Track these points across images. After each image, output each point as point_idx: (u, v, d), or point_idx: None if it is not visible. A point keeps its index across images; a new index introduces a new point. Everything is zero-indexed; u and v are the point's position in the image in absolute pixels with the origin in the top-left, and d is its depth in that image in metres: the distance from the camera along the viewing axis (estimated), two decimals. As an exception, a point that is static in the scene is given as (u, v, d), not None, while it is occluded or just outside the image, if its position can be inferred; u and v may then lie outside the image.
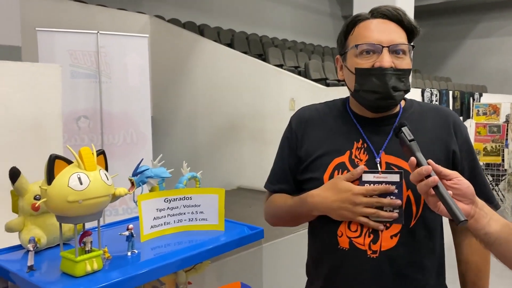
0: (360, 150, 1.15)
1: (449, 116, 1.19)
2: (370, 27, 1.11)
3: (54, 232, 1.09)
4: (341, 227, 1.12)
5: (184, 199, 1.26)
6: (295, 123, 1.26)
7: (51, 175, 0.90)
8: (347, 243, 1.11)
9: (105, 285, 0.90)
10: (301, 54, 9.99)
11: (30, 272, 0.95)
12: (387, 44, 1.08)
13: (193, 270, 1.35)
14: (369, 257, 1.09)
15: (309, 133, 1.22)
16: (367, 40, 1.09)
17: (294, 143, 1.24)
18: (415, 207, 1.10)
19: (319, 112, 1.25)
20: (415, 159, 0.97)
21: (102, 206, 0.94)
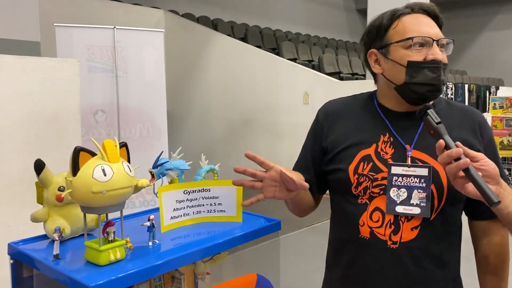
0: (386, 143, 1.17)
1: (475, 116, 1.20)
2: (417, 21, 1.13)
3: (78, 223, 1.12)
4: (363, 217, 1.15)
5: (203, 191, 1.28)
6: (322, 115, 1.29)
7: (76, 167, 0.92)
8: (368, 232, 1.13)
9: (128, 274, 0.93)
10: (315, 48, 9.94)
11: (56, 260, 0.98)
12: (436, 38, 1.10)
13: (211, 261, 1.38)
14: (389, 247, 1.11)
15: (335, 125, 1.24)
16: (419, 33, 1.10)
17: (319, 134, 1.26)
18: (436, 201, 1.12)
19: (345, 105, 1.27)
20: (443, 142, 0.97)
21: (125, 197, 0.97)
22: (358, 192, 1.16)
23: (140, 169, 1.29)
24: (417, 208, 1.10)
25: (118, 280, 0.90)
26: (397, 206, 1.12)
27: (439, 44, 1.11)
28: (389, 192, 1.13)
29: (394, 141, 1.16)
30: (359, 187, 1.16)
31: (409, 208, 1.10)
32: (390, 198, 1.12)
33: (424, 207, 1.10)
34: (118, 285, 0.90)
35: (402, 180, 1.12)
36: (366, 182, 1.16)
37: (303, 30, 12.37)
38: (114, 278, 0.90)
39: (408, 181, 1.12)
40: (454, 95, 8.13)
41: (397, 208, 1.11)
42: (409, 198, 1.11)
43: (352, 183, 1.17)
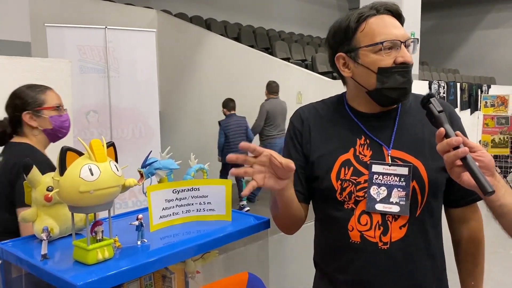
0: (363, 146, 1.18)
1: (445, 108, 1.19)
2: (384, 23, 1.12)
3: (66, 222, 1.12)
4: (351, 222, 1.15)
5: (192, 190, 1.28)
6: (297, 122, 1.28)
7: (63, 167, 0.93)
8: (358, 236, 1.14)
9: (116, 273, 0.93)
10: (308, 47, 9.96)
11: (44, 260, 0.98)
12: (403, 39, 1.11)
13: (201, 260, 1.39)
14: (380, 249, 1.13)
15: (311, 132, 1.24)
16: (388, 37, 1.10)
17: (299, 141, 1.25)
18: (420, 197, 1.14)
19: (317, 110, 1.27)
20: (443, 130, 0.99)
21: (113, 196, 0.97)
22: (343, 198, 1.17)
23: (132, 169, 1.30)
24: (397, 206, 1.12)
25: (106, 279, 0.91)
26: (376, 204, 1.13)
27: (407, 45, 1.12)
28: (370, 190, 1.14)
29: (371, 143, 1.17)
30: (343, 193, 1.16)
31: (389, 206, 1.12)
32: (370, 196, 1.14)
33: (404, 205, 1.11)
34: (106, 283, 0.91)
35: (382, 178, 1.14)
36: (350, 187, 1.16)
37: (296, 30, 12.39)
38: (102, 276, 0.90)
39: (388, 179, 1.13)
40: (446, 93, 8.18)
41: (377, 206, 1.13)
42: (389, 197, 1.12)
43: (336, 189, 1.17)
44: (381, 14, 1.14)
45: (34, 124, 1.72)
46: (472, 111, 8.84)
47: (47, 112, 1.73)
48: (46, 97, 1.76)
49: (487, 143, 6.18)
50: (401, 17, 1.15)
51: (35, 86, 1.80)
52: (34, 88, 1.79)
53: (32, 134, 1.73)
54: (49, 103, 1.75)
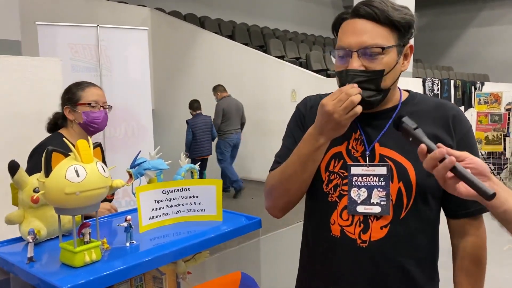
0: (357, 141, 1.17)
1: (450, 111, 1.17)
2: (346, 29, 1.11)
3: (54, 224, 1.11)
4: (333, 215, 1.15)
5: (182, 190, 1.27)
6: (302, 107, 1.29)
7: (48, 168, 0.91)
8: (338, 231, 1.14)
9: (104, 275, 0.92)
10: (302, 45, 9.95)
11: (30, 263, 0.97)
12: (356, 48, 1.07)
13: (192, 260, 1.37)
14: (358, 246, 1.11)
15: (312, 119, 1.20)
16: (339, 45, 1.11)
17: (302, 122, 1.26)
18: (405, 199, 1.11)
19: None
20: (425, 146, 0.94)
21: (100, 197, 0.96)
22: (329, 189, 1.16)
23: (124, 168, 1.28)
24: (378, 207, 1.10)
25: (93, 282, 0.89)
26: (358, 206, 1.12)
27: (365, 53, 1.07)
28: (350, 192, 1.13)
29: (365, 139, 1.16)
30: (329, 185, 1.16)
31: (370, 207, 1.11)
32: (351, 198, 1.12)
33: (385, 205, 1.10)
34: (93, 286, 0.90)
35: (362, 179, 1.13)
36: (336, 180, 1.15)
37: (291, 27, 12.38)
38: (89, 279, 0.89)
39: (367, 180, 1.12)
40: (440, 91, 8.20)
41: (358, 208, 1.11)
42: (370, 197, 1.11)
43: (323, 180, 1.17)
44: (353, 18, 1.10)
45: (70, 117, 1.91)
46: (465, 109, 8.87)
47: (81, 107, 1.89)
48: (84, 94, 1.91)
49: (481, 140, 6.21)
50: (379, 20, 1.08)
51: (79, 83, 1.97)
52: (77, 84, 1.97)
53: (70, 126, 1.93)
54: (84, 99, 1.90)
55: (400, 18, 1.08)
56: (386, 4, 1.08)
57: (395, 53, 1.10)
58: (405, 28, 1.10)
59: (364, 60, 1.07)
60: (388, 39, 1.08)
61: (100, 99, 1.95)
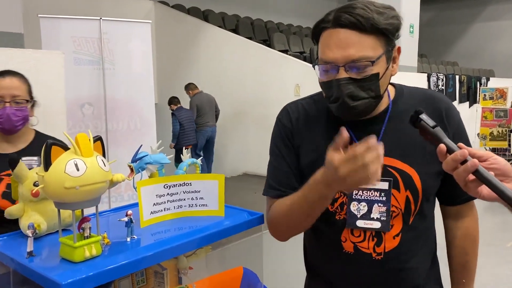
0: None
1: (440, 103, 1.13)
2: (329, 41, 1.02)
3: (54, 218, 1.09)
4: (344, 233, 1.12)
5: (184, 185, 1.26)
6: (286, 120, 1.19)
7: (48, 162, 0.90)
8: (352, 247, 1.11)
9: (104, 270, 0.91)
10: (306, 39, 9.90)
11: (29, 257, 0.96)
12: (343, 62, 0.99)
13: (193, 256, 1.36)
14: (374, 259, 1.10)
15: (301, 133, 1.16)
16: (324, 59, 1.01)
17: (291, 141, 1.17)
18: (413, 205, 1.10)
19: (306, 110, 1.18)
20: (445, 146, 0.87)
21: (100, 192, 0.94)
22: (335, 208, 1.12)
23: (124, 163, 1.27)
24: (378, 223, 1.08)
25: (92, 277, 0.88)
26: (357, 220, 1.09)
27: (353, 66, 0.99)
28: (350, 206, 1.09)
29: None
30: (335, 204, 1.11)
31: (370, 222, 1.08)
32: (351, 212, 1.09)
33: (385, 221, 1.08)
34: (92, 282, 0.89)
35: (362, 193, 1.09)
36: (341, 198, 1.11)
37: (295, 22, 12.31)
38: (88, 275, 0.88)
39: (368, 194, 1.09)
40: (445, 86, 8.15)
41: (358, 222, 1.09)
42: (370, 212, 1.09)
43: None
44: (335, 27, 1.00)
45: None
46: (470, 104, 8.82)
47: None
48: None
49: (486, 136, 6.17)
50: (366, 26, 0.98)
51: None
52: None
53: None
54: None
55: (388, 25, 1.00)
56: (370, 9, 0.99)
57: (384, 60, 1.02)
58: (392, 34, 1.02)
59: (352, 74, 1.00)
60: (376, 49, 1.00)
61: (6, 92, 1.64)
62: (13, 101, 1.65)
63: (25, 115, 1.70)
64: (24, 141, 1.75)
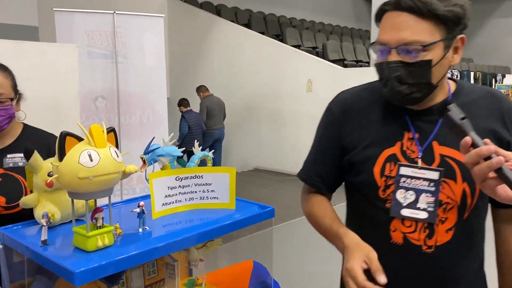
0: (411, 141, 1.09)
1: (503, 103, 1.11)
2: (386, 23, 1.05)
3: (68, 208, 1.11)
4: (394, 222, 1.09)
5: (195, 177, 1.26)
6: (336, 108, 1.21)
7: (62, 152, 0.91)
8: (401, 238, 1.08)
9: (116, 260, 0.92)
10: (319, 34, 9.85)
11: (44, 246, 0.97)
12: (395, 44, 1.01)
13: (204, 248, 1.37)
14: (424, 252, 1.07)
15: (353, 121, 1.16)
16: (379, 40, 1.04)
17: (336, 132, 1.18)
18: (470, 199, 1.06)
19: (361, 97, 1.18)
20: (470, 139, 0.86)
21: (113, 183, 0.95)
22: (387, 195, 1.09)
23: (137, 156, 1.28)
24: (424, 213, 1.05)
25: (105, 266, 0.89)
26: (402, 209, 1.07)
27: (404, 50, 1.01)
28: (396, 193, 1.07)
29: (420, 138, 1.09)
30: (387, 191, 1.09)
31: (416, 212, 1.06)
32: (397, 200, 1.07)
33: (432, 212, 1.05)
34: (105, 271, 0.90)
35: (410, 181, 1.07)
36: (394, 185, 1.08)
37: (308, 16, 12.25)
38: (101, 264, 0.89)
39: (416, 183, 1.06)
40: (459, 83, 8.05)
41: (403, 211, 1.07)
42: (416, 202, 1.06)
43: (379, 186, 1.10)
44: (395, 10, 1.03)
45: None
46: (485, 101, 8.70)
47: None
48: None
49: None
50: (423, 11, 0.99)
51: None
52: None
53: None
54: None
55: (447, 12, 0.99)
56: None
57: (440, 48, 1.02)
58: (453, 21, 1.02)
59: (403, 57, 1.01)
60: (432, 35, 1.00)
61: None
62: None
63: (10, 114, 1.55)
64: (10, 136, 1.61)
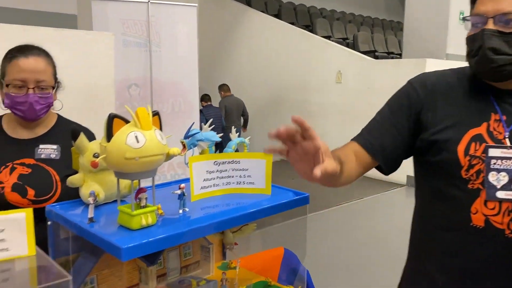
0: (498, 122, 1.07)
1: None
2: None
3: (111, 189, 1.16)
4: (475, 204, 1.06)
5: (232, 162, 1.29)
6: (419, 85, 1.18)
7: (110, 133, 0.95)
8: (482, 221, 1.05)
9: (159, 238, 0.95)
10: (350, 25, 9.73)
11: (90, 223, 1.02)
12: (493, 13, 1.01)
13: (239, 232, 1.41)
14: (507, 236, 1.03)
15: (437, 99, 1.13)
16: (475, 12, 1.04)
17: (417, 107, 1.15)
18: None
19: (446, 78, 1.17)
20: None
21: (157, 164, 0.99)
22: (469, 176, 1.07)
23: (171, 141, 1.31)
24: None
25: (149, 244, 0.93)
26: (498, 191, 1.04)
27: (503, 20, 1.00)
28: (488, 176, 1.05)
29: (508, 119, 1.07)
30: (470, 170, 1.06)
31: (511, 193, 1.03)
32: (489, 183, 1.05)
33: None
34: (148, 248, 0.93)
35: (501, 163, 1.04)
36: (479, 165, 1.06)
37: (338, 7, 12.09)
38: (146, 241, 0.92)
39: (508, 164, 1.04)
40: None
41: (498, 193, 1.04)
42: (510, 183, 1.03)
43: (463, 165, 1.07)
44: None
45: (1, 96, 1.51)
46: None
47: (5, 86, 1.46)
48: (10, 69, 1.46)
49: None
50: None
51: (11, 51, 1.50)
52: (9, 52, 1.50)
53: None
54: (8, 76, 1.45)
55: None
56: None
57: None
58: None
59: (500, 27, 1.01)
60: None
61: (30, 77, 1.44)
62: (37, 87, 1.46)
63: (49, 103, 1.51)
64: (44, 127, 1.58)
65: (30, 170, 1.47)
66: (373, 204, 5.14)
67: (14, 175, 1.44)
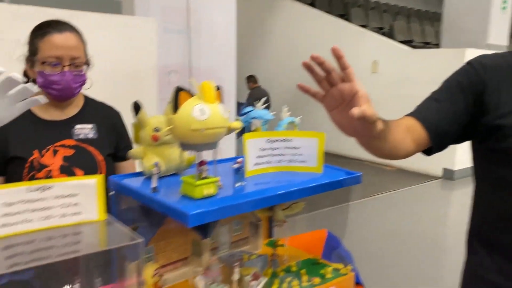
0: None
1: None
2: None
3: (170, 162, 1.20)
4: None
5: (284, 141, 1.32)
6: (479, 65, 1.12)
7: (176, 105, 0.99)
8: None
9: (219, 208, 0.99)
10: (386, 14, 9.55)
11: (154, 192, 1.06)
12: None
13: (289, 209, 1.43)
14: None
15: (502, 82, 1.08)
16: None
17: (478, 84, 1.10)
18: None
19: (508, 62, 1.12)
20: None
21: (220, 136, 1.03)
22: None
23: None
24: None
25: (212, 212, 0.97)
26: None
27: None
28: None
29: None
30: None
31: None
32: None
33: None
34: (211, 216, 0.97)
35: None
36: None
37: (373, -4, 11.89)
38: (209, 209, 0.96)
39: None
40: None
41: None
42: None
43: None
44: None
45: (32, 76, 1.45)
46: None
47: (39, 64, 1.40)
48: (42, 45, 1.38)
49: None
50: None
51: (40, 25, 1.43)
52: (38, 28, 1.42)
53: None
54: (41, 53, 1.39)
55: None
56: None
57: None
58: None
59: None
60: None
61: (64, 53, 1.39)
62: (72, 64, 1.42)
63: (84, 80, 1.48)
64: (75, 106, 1.56)
65: (73, 151, 1.48)
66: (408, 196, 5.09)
67: (58, 158, 1.43)
